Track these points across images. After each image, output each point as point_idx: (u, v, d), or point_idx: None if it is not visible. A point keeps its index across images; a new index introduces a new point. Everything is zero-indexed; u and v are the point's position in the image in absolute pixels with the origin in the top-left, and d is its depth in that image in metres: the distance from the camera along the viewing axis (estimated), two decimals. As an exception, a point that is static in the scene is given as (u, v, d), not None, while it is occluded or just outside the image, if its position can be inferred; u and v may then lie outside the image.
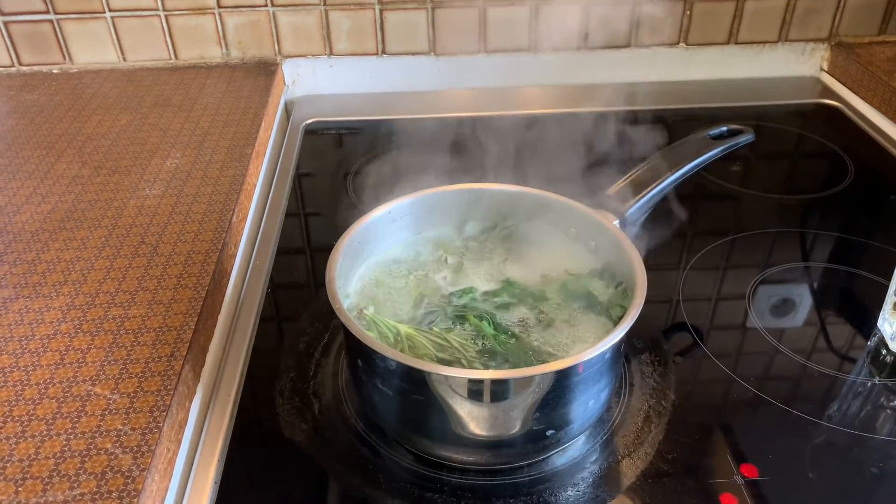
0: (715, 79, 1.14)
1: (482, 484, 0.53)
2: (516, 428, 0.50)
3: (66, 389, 0.54)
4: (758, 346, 0.65)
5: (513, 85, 1.12)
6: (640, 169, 0.67)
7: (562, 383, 0.48)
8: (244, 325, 0.68)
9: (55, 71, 1.07)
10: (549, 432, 0.51)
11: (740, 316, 0.68)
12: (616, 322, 0.55)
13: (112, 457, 0.49)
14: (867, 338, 0.66)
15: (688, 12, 1.08)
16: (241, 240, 0.77)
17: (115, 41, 1.05)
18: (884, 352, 0.64)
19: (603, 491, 0.52)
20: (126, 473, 0.48)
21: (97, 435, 0.50)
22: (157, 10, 1.03)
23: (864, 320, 0.67)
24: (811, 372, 0.62)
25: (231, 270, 0.73)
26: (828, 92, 1.12)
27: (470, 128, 0.85)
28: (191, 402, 0.58)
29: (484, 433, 0.50)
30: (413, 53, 1.09)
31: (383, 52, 1.09)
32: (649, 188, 0.64)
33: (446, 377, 0.47)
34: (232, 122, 0.93)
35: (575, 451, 0.55)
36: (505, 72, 1.11)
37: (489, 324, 0.55)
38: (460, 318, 0.56)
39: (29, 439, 0.50)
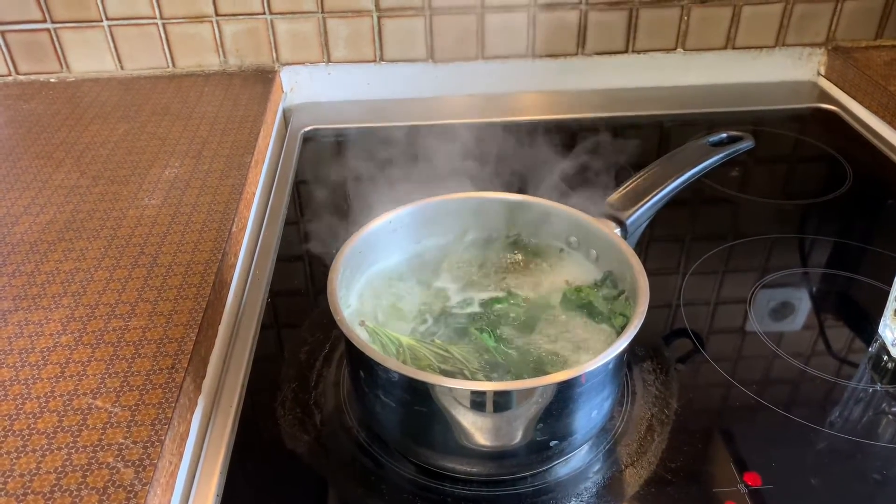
0: (712, 84, 1.14)
1: (485, 494, 0.53)
2: (519, 438, 0.50)
3: (67, 403, 0.53)
4: (759, 352, 0.65)
5: (511, 91, 1.12)
6: (640, 176, 0.66)
7: (565, 394, 0.48)
8: (245, 336, 0.68)
9: (52, 80, 1.07)
10: (552, 443, 0.51)
11: (741, 322, 0.68)
12: (618, 331, 0.55)
13: (114, 471, 0.48)
14: (868, 344, 0.66)
15: (685, 17, 1.08)
16: (240, 249, 0.77)
17: (113, 50, 1.05)
18: (885, 358, 0.64)
19: (607, 501, 0.52)
20: (128, 488, 0.47)
21: (99, 449, 0.50)
22: (155, 18, 1.03)
23: (865, 326, 0.68)
24: (813, 378, 0.62)
25: (231, 280, 0.72)
26: (825, 96, 1.12)
27: (469, 134, 0.85)
28: (192, 414, 0.57)
29: (487, 444, 0.50)
30: (411, 60, 1.09)
31: (381, 59, 1.08)
32: (650, 196, 0.64)
33: (450, 389, 0.47)
34: (230, 130, 0.92)
35: (578, 461, 0.55)
36: (503, 78, 1.11)
37: (490, 335, 0.55)
38: (462, 329, 0.56)
39: (30, 454, 0.50)
